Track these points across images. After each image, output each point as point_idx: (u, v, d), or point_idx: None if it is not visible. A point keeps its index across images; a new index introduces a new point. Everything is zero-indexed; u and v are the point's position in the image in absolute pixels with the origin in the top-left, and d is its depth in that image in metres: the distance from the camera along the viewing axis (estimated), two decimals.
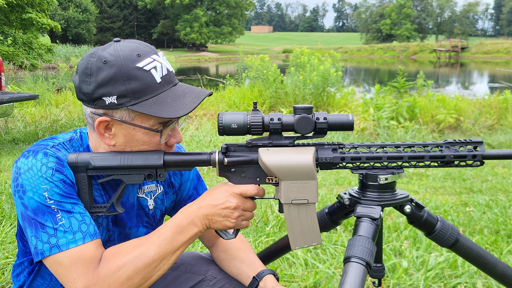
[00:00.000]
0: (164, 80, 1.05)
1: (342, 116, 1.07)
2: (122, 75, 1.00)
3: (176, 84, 1.10)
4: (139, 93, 1.02)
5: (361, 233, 1.09)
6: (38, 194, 1.00)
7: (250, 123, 1.05)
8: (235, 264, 1.30)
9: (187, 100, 1.05)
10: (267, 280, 1.21)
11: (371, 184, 1.15)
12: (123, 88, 1.01)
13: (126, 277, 0.98)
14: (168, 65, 1.09)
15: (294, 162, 1.04)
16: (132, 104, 1.02)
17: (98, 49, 1.05)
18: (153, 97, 1.03)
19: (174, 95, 1.06)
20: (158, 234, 1.03)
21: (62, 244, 0.99)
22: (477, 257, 1.28)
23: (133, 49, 1.03)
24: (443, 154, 1.10)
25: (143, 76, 1.02)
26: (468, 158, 1.10)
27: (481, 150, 1.10)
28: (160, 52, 1.09)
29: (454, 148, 1.11)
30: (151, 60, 1.04)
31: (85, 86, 1.03)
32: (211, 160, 1.10)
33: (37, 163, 1.02)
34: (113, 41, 1.07)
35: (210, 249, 1.39)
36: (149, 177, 1.09)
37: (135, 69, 1.01)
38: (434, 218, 1.26)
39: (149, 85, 1.03)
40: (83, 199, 1.08)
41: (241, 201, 1.06)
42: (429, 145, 1.11)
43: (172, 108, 1.03)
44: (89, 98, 1.04)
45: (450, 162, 1.11)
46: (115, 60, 1.01)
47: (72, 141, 1.14)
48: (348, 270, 1.02)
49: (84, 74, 1.03)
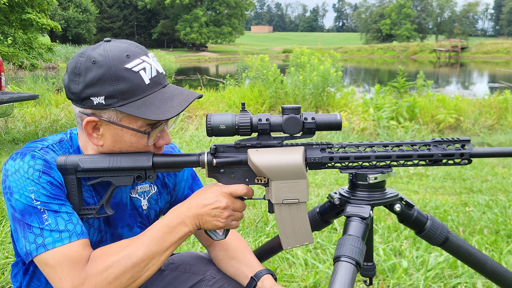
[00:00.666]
0: (153, 81, 1.05)
1: (330, 116, 1.07)
2: (111, 75, 1.00)
3: (166, 86, 1.10)
4: (127, 94, 1.02)
5: (350, 232, 1.09)
6: (24, 195, 1.00)
7: (239, 124, 1.05)
8: (233, 264, 1.30)
9: (175, 102, 1.05)
10: (265, 280, 1.21)
11: (360, 184, 1.16)
12: (111, 88, 1.01)
13: (114, 276, 0.98)
14: (158, 67, 1.08)
15: (284, 161, 1.04)
16: (120, 105, 1.01)
17: (88, 49, 1.05)
18: (141, 98, 1.03)
19: (162, 97, 1.06)
20: (148, 234, 1.03)
21: (48, 243, 0.99)
22: (467, 255, 1.28)
23: (123, 49, 1.03)
24: (431, 153, 1.10)
25: (131, 77, 1.02)
26: (455, 156, 1.10)
27: (468, 148, 1.11)
28: (150, 53, 1.09)
29: (442, 146, 1.11)
30: (140, 61, 1.04)
31: (73, 86, 1.03)
32: (200, 161, 1.10)
33: (24, 165, 1.02)
34: (103, 41, 1.07)
35: (208, 248, 1.39)
36: (139, 178, 1.09)
37: (124, 70, 1.01)
38: (424, 217, 1.26)
39: (137, 87, 1.02)
40: (73, 201, 1.08)
41: (231, 201, 1.07)
42: (417, 144, 1.12)
43: (160, 110, 1.03)
44: (77, 97, 1.04)
45: (438, 161, 1.11)
46: (104, 61, 1.01)
47: (62, 143, 1.14)
48: (337, 269, 1.02)
49: (73, 74, 1.03)
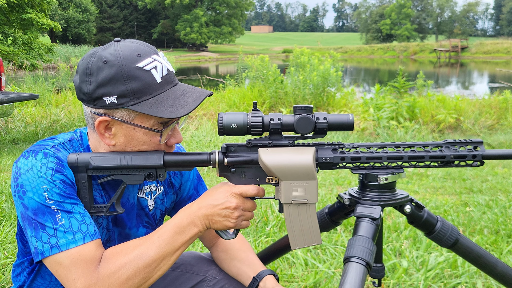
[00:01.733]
0: (164, 80, 1.05)
1: (342, 116, 1.07)
2: (123, 75, 1.00)
3: (177, 84, 1.10)
4: (139, 93, 1.02)
5: (361, 233, 1.09)
6: (38, 194, 1.00)
7: (250, 123, 1.05)
8: (235, 264, 1.30)
9: (187, 100, 1.05)
10: (267, 280, 1.21)
11: (371, 184, 1.15)
12: (123, 88, 1.00)
13: (126, 277, 0.98)
14: (168, 65, 1.08)
15: (294, 162, 1.04)
16: (132, 104, 1.01)
17: (99, 49, 1.05)
18: (153, 97, 1.03)
19: (174, 95, 1.06)
20: (158, 234, 1.03)
21: (62, 244, 0.99)
22: (477, 257, 1.28)
23: (134, 49, 1.03)
24: (443, 154, 1.10)
25: (143, 76, 1.02)
26: (468, 158, 1.10)
27: (481, 150, 1.10)
28: (160, 52, 1.09)
29: (454, 148, 1.11)
30: (151, 60, 1.04)
31: (85, 86, 1.03)
32: (211, 160, 1.10)
33: (37, 164, 1.01)
34: (113, 41, 1.07)
35: (210, 249, 1.39)
36: (149, 177, 1.09)
37: (136, 69, 1.01)
38: (434, 218, 1.26)
39: (149, 85, 1.02)
40: (83, 199, 1.08)
41: (241, 201, 1.06)
42: (429, 145, 1.11)
43: (172, 108, 1.03)
44: (89, 98, 1.03)
45: (450, 162, 1.11)
46: (116, 60, 1.00)
47: (72, 141, 1.14)
48: (348, 270, 1.02)
49: (85, 74, 1.03)
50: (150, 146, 1.09)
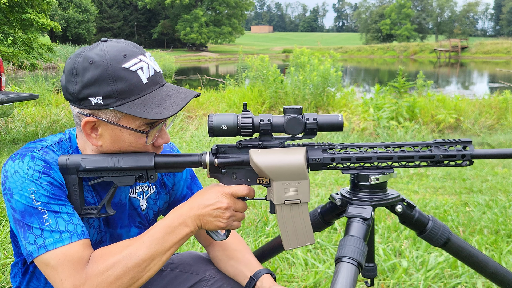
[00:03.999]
0: (150, 81, 1.05)
1: (332, 116, 1.07)
2: (108, 75, 1.00)
3: (163, 85, 1.10)
4: (125, 94, 1.01)
5: (352, 233, 1.09)
6: (24, 196, 1.00)
7: (240, 124, 1.05)
8: (232, 264, 1.30)
9: (174, 101, 1.05)
10: (264, 279, 1.21)
11: (362, 185, 1.16)
12: (109, 88, 1.00)
13: (115, 277, 0.98)
14: (155, 66, 1.08)
15: (286, 162, 1.04)
16: (118, 104, 1.01)
17: (85, 49, 1.04)
18: (139, 98, 1.03)
19: (160, 96, 1.05)
20: (149, 234, 1.03)
21: (49, 244, 0.99)
22: (469, 256, 1.28)
23: (120, 49, 1.03)
24: (433, 154, 1.10)
25: (129, 76, 1.01)
26: (457, 157, 1.10)
27: (470, 149, 1.11)
28: (147, 53, 1.09)
29: (444, 148, 1.11)
30: (137, 60, 1.04)
31: (71, 86, 1.03)
32: (202, 162, 1.10)
33: (24, 166, 1.02)
34: (100, 41, 1.07)
35: (206, 248, 1.39)
36: (140, 178, 1.09)
37: (121, 69, 1.01)
38: (425, 218, 1.26)
39: (135, 86, 1.02)
40: (74, 201, 1.08)
41: (232, 202, 1.07)
42: (419, 145, 1.12)
43: (158, 109, 1.02)
44: (75, 98, 1.04)
45: (439, 162, 1.11)
46: (101, 61, 1.00)
47: (61, 143, 1.14)
48: (339, 270, 1.02)
49: (71, 74, 1.03)
50: (137, 147, 1.09)
